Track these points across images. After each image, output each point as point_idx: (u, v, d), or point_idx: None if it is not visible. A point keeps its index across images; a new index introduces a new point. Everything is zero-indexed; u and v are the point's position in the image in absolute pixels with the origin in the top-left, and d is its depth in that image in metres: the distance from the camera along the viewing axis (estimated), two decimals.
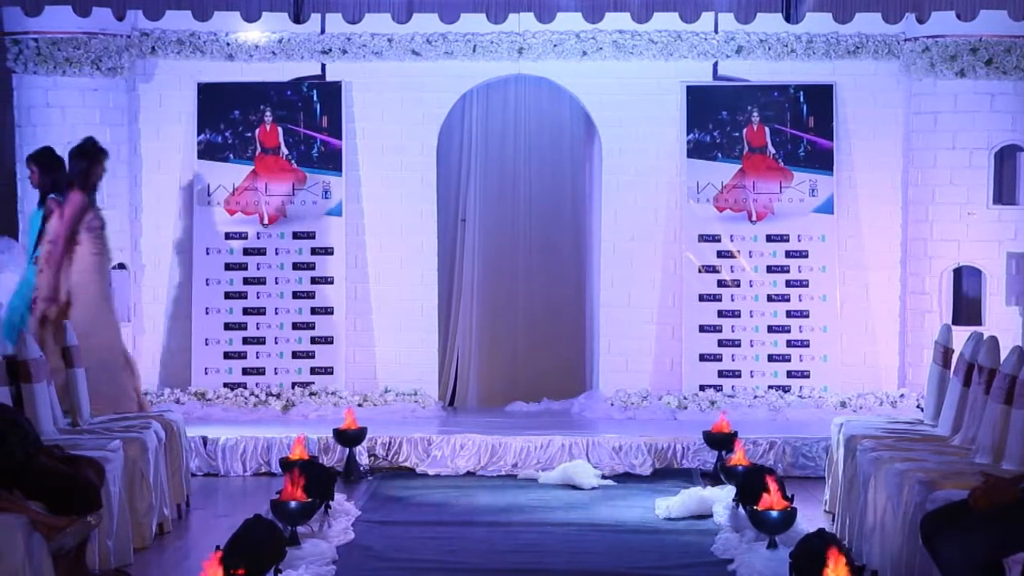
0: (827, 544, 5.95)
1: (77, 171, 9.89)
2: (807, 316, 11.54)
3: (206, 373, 11.54)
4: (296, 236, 11.67)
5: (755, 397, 11.32)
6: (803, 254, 11.56)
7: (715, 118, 11.60)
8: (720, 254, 11.60)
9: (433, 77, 11.70)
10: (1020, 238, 11.31)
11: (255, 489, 9.64)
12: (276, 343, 11.60)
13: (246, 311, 11.62)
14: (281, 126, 11.67)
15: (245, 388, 11.45)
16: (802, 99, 11.59)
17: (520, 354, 12.45)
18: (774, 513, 7.63)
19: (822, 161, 11.56)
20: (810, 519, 8.32)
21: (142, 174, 11.77)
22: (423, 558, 7.78)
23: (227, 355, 11.58)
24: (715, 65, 11.68)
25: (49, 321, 9.68)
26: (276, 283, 11.66)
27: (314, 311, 11.65)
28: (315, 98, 11.69)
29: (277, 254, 11.67)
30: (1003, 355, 7.48)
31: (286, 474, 8.16)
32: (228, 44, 11.63)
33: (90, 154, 9.89)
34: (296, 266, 11.66)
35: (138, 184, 11.77)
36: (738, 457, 9.19)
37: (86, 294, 9.80)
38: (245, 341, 11.60)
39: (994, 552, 5.66)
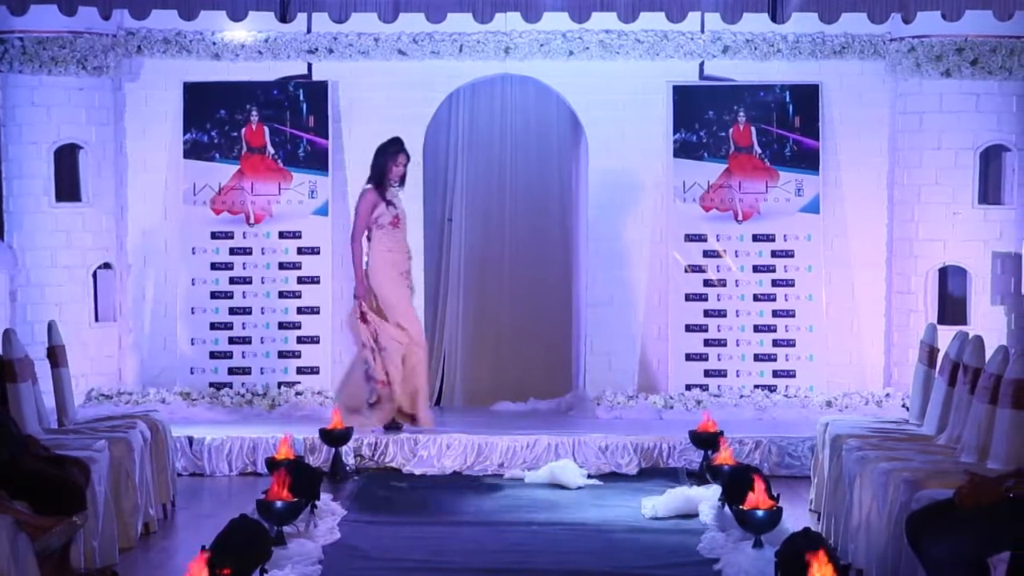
0: (812, 543, 5.95)
1: (374, 168, 10.46)
2: (793, 316, 11.55)
3: (192, 373, 11.53)
4: (282, 236, 11.65)
5: (741, 396, 11.33)
6: (789, 254, 11.57)
7: (701, 118, 11.61)
8: (706, 254, 11.61)
9: (420, 77, 11.70)
10: (1005, 238, 11.33)
11: (241, 489, 9.63)
12: (262, 343, 11.59)
13: (232, 311, 11.60)
14: (267, 125, 11.66)
15: (231, 388, 11.43)
16: (788, 99, 11.60)
17: (506, 354, 12.44)
18: (760, 512, 7.64)
19: (808, 161, 11.58)
20: (796, 518, 8.32)
21: (128, 173, 11.75)
22: (409, 558, 7.77)
23: (213, 355, 11.57)
24: (701, 65, 11.69)
25: (369, 315, 10.31)
26: (262, 283, 11.65)
27: (300, 311, 11.64)
28: (301, 97, 11.68)
29: (263, 254, 11.65)
30: (988, 354, 7.49)
31: (272, 474, 8.15)
32: (214, 43, 11.62)
33: (386, 153, 10.45)
34: (282, 266, 11.65)
35: (124, 183, 11.76)
36: (724, 456, 9.20)
37: (379, 292, 10.33)
38: (231, 341, 11.59)
39: (979, 551, 5.67)
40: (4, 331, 8.32)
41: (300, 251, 11.65)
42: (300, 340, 11.61)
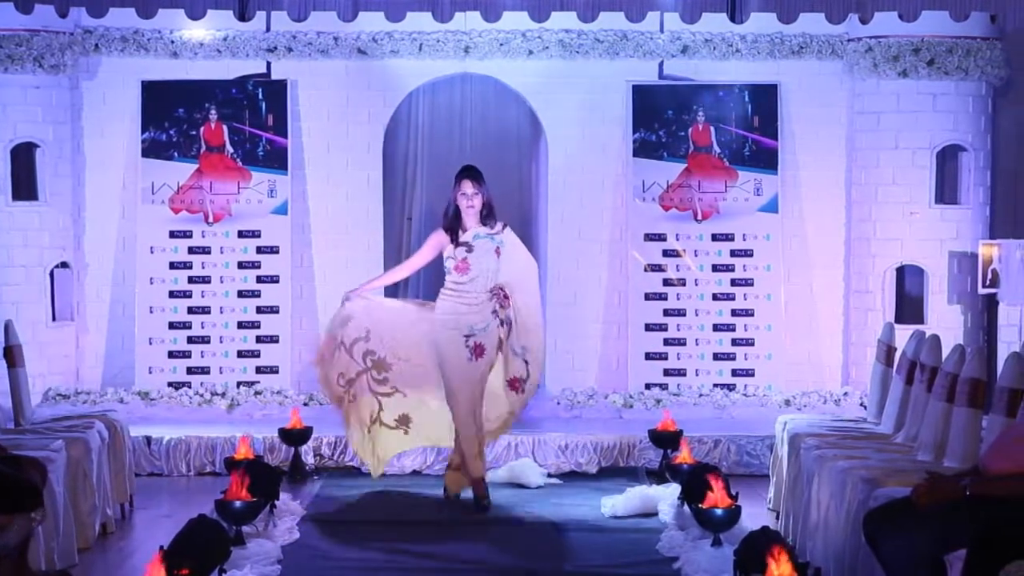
0: (771, 541, 5.98)
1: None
2: (752, 315, 11.58)
3: (150, 372, 11.47)
4: (241, 235, 11.61)
5: (700, 395, 11.36)
6: (748, 253, 11.61)
7: (661, 117, 11.63)
8: (666, 253, 11.63)
9: (379, 76, 11.68)
10: (962, 237, 11.42)
11: (200, 489, 9.59)
12: (221, 342, 11.54)
13: (191, 310, 11.55)
14: (226, 124, 11.61)
15: (190, 387, 11.39)
16: (747, 99, 11.64)
17: None
18: (719, 511, 7.66)
19: (767, 160, 11.62)
20: (754, 517, 8.34)
21: (85, 172, 11.68)
22: (368, 557, 7.77)
23: (171, 354, 11.52)
24: (661, 64, 11.71)
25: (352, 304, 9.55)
26: (221, 282, 11.60)
27: (259, 310, 11.60)
28: (260, 96, 11.64)
29: (222, 253, 11.61)
30: (945, 353, 7.54)
31: (231, 473, 8.13)
32: (172, 42, 11.56)
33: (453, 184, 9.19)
34: (241, 265, 11.61)
35: (81, 182, 11.69)
36: (683, 455, 9.23)
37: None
38: (190, 340, 11.54)
39: (936, 549, 5.70)
40: None
41: (259, 250, 11.61)
42: (259, 339, 11.58)
